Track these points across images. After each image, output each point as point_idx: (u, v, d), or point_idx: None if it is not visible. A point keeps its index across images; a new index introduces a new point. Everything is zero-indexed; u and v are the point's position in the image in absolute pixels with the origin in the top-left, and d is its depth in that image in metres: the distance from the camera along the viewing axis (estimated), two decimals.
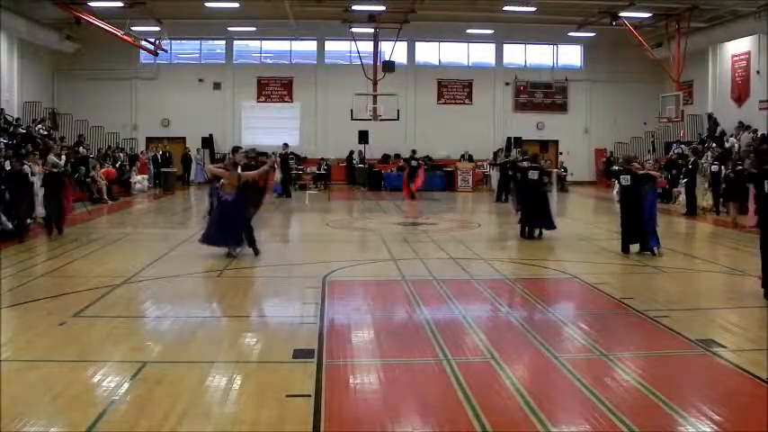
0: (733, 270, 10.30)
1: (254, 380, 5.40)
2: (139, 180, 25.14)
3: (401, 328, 7.12)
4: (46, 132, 23.25)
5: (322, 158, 28.50)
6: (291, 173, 25.34)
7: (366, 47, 27.26)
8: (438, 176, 27.28)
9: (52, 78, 27.65)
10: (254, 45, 30.05)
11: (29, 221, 13.98)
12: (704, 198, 18.66)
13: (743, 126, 23.40)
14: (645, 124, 29.31)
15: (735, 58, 24.85)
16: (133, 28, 23.77)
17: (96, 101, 27.78)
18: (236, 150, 13.28)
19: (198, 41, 29.61)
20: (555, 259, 11.48)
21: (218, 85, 29.32)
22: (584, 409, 4.76)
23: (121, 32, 23.08)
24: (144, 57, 27.93)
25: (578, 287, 9.15)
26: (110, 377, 5.37)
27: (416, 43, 29.75)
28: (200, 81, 29.16)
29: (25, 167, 14.73)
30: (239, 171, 11.11)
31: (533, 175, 13.33)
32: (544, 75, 30.39)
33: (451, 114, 29.70)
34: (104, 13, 23.06)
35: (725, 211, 17.90)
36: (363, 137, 27.38)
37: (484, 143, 29.22)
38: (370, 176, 27.52)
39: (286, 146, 25.71)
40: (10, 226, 12.87)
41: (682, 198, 19.71)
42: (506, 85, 30.20)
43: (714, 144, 23.16)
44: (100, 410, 4.66)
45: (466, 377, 5.36)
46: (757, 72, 23.34)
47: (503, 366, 5.63)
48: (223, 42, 29.56)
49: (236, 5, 24.00)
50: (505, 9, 24.33)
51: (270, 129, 28.94)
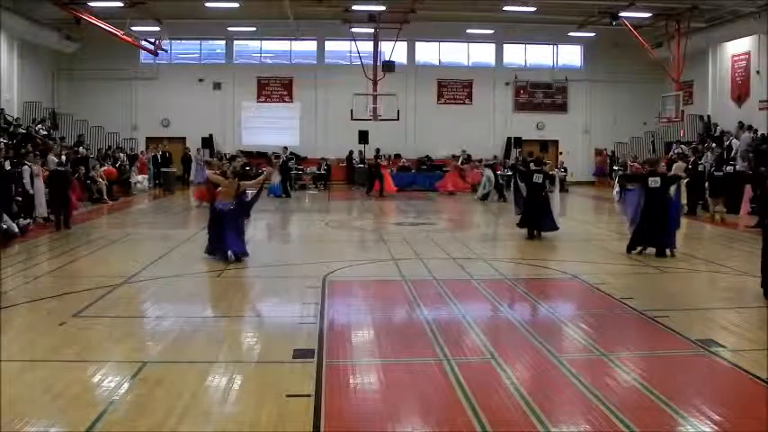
0: (733, 270, 10.30)
1: (254, 380, 5.40)
2: (139, 180, 25.13)
3: (401, 328, 7.12)
4: (46, 132, 23.24)
5: (322, 158, 28.49)
6: (291, 173, 25.43)
7: (366, 47, 27.25)
8: (438, 176, 27.27)
9: (52, 78, 27.62)
10: (254, 45, 30.04)
11: (29, 221, 14.01)
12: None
13: (742, 126, 23.39)
14: (645, 124, 29.30)
15: (735, 58, 24.84)
16: (133, 28, 23.76)
17: (96, 101, 27.78)
18: (233, 158, 13.30)
19: (198, 41, 29.60)
20: (555, 259, 11.48)
21: (218, 85, 29.31)
22: (584, 409, 4.76)
23: (121, 32, 23.07)
24: (144, 57, 27.92)
25: (578, 287, 9.15)
26: (110, 377, 5.37)
27: (416, 43, 29.74)
28: (200, 81, 29.15)
29: (26, 168, 14.79)
30: (238, 181, 10.98)
31: (537, 178, 13.42)
32: (544, 75, 30.39)
33: (451, 114, 29.69)
34: (104, 13, 23.04)
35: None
36: (363, 137, 27.37)
37: (484, 143, 29.22)
38: (369, 176, 27.47)
39: (286, 149, 25.76)
40: (16, 229, 12.87)
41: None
42: (506, 85, 30.20)
43: (714, 144, 23.15)
44: (100, 410, 4.66)
45: (466, 377, 5.36)
46: (757, 72, 23.33)
47: (503, 366, 5.63)
48: (223, 42, 29.56)
49: (236, 5, 23.99)
50: (505, 9, 24.31)
51: (270, 129, 28.95)
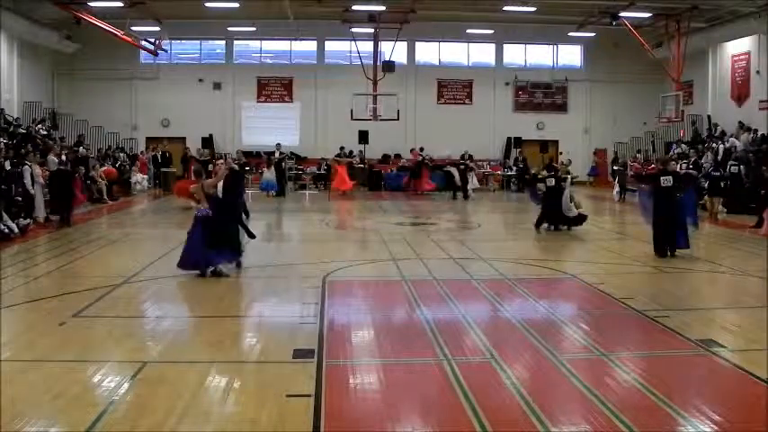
0: (733, 270, 10.30)
1: (254, 380, 5.41)
2: (139, 180, 25.14)
3: (401, 328, 7.12)
4: (46, 132, 23.23)
5: (322, 158, 28.48)
6: (288, 173, 25.46)
7: (366, 47, 27.24)
8: (438, 176, 27.27)
9: (52, 78, 27.60)
10: (254, 45, 30.01)
11: (29, 221, 14.01)
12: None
13: (743, 126, 23.40)
14: (645, 124, 29.30)
15: (735, 58, 24.83)
16: (133, 28, 23.75)
17: (96, 101, 27.75)
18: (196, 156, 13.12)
19: (198, 41, 29.57)
20: (555, 259, 11.48)
21: (218, 85, 29.29)
22: (584, 409, 4.76)
23: (121, 32, 23.07)
24: (144, 57, 27.89)
25: (578, 287, 9.15)
26: (110, 377, 5.37)
27: (416, 43, 29.71)
28: (200, 81, 29.12)
29: (26, 167, 14.81)
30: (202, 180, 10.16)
31: (551, 182, 14.85)
32: (544, 75, 30.37)
33: (451, 114, 29.66)
34: (104, 13, 23.04)
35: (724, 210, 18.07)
36: (363, 137, 27.35)
37: (484, 143, 29.22)
38: (369, 176, 27.51)
39: (279, 146, 25.65)
40: (16, 230, 12.87)
41: None
42: (506, 85, 30.17)
43: (714, 144, 23.16)
44: (100, 410, 4.66)
45: (466, 377, 5.36)
46: (757, 72, 23.32)
47: (503, 366, 5.63)
48: (223, 42, 29.54)
49: (236, 5, 23.98)
50: (505, 9, 24.30)
51: (270, 129, 28.89)
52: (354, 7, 24.16)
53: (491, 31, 28.40)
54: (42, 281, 9.28)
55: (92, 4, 22.52)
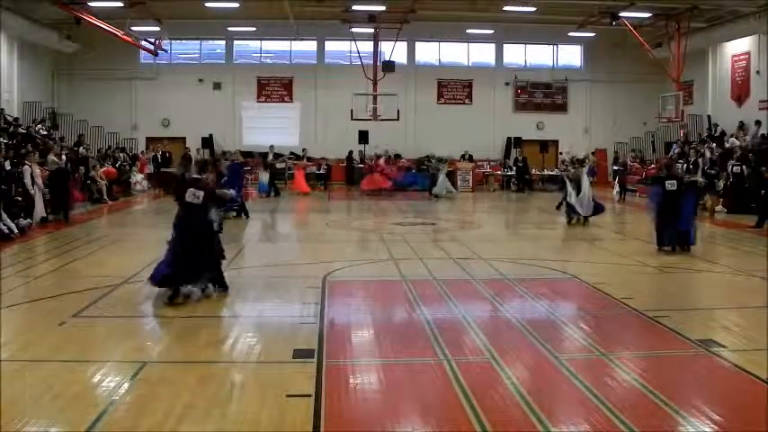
0: (733, 270, 10.30)
1: (254, 380, 5.40)
2: (139, 180, 25.14)
3: (401, 328, 7.12)
4: (46, 132, 23.23)
5: (322, 158, 28.48)
6: (287, 172, 25.43)
7: (366, 47, 27.25)
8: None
9: (52, 78, 27.60)
10: (254, 45, 30.01)
11: (29, 221, 14.01)
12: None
13: (742, 126, 23.40)
14: (645, 124, 29.30)
15: (735, 58, 24.83)
16: (133, 28, 23.74)
17: (96, 101, 27.75)
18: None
19: (198, 41, 29.56)
20: (555, 259, 11.48)
21: (218, 85, 29.29)
22: (584, 409, 4.76)
23: (121, 32, 23.06)
24: (144, 57, 27.89)
25: (578, 287, 9.15)
26: (110, 377, 5.38)
27: (416, 43, 29.71)
28: (200, 81, 29.12)
29: (26, 167, 14.80)
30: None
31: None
32: (544, 75, 30.36)
33: (451, 114, 29.67)
34: (104, 13, 23.03)
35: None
36: (363, 137, 27.37)
37: (484, 143, 29.22)
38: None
39: (272, 148, 25.62)
40: (16, 230, 12.87)
41: None
42: (506, 85, 30.16)
43: (714, 144, 23.17)
44: (100, 410, 4.66)
45: (466, 377, 5.36)
46: (757, 72, 23.32)
47: (503, 366, 5.63)
48: (223, 42, 29.53)
49: (236, 5, 23.98)
50: (505, 9, 24.30)
51: (270, 129, 28.91)
52: (354, 7, 24.15)
53: (491, 31, 28.40)
54: (42, 281, 9.27)
55: (92, 4, 22.51)
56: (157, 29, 24.90)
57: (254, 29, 27.93)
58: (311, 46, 29.67)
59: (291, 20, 25.30)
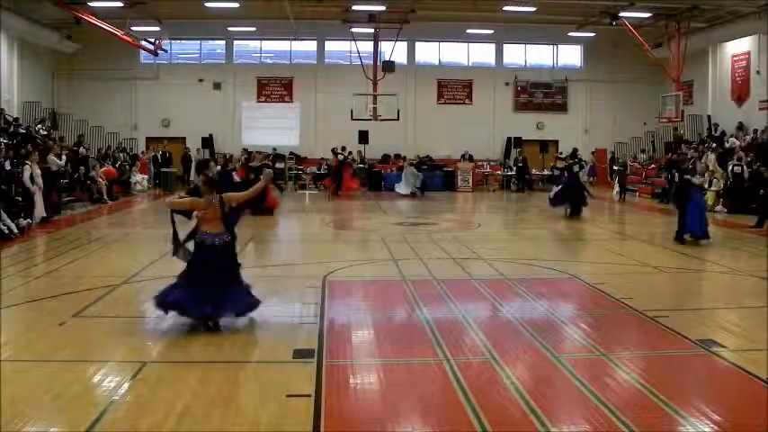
0: (733, 270, 10.30)
1: (254, 380, 5.40)
2: (139, 180, 25.14)
3: (401, 328, 7.12)
4: (46, 132, 23.23)
5: (322, 158, 28.49)
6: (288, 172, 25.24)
7: (366, 47, 27.24)
8: (438, 176, 27.30)
9: (52, 78, 27.61)
10: (254, 45, 30.01)
11: (29, 221, 14.01)
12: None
13: (742, 126, 23.41)
14: (645, 124, 29.30)
15: (735, 58, 24.83)
16: (133, 28, 23.75)
17: (96, 101, 27.74)
18: (209, 161, 12.66)
19: (198, 41, 29.57)
20: (555, 259, 11.47)
21: (218, 85, 29.29)
22: (585, 409, 4.76)
23: (121, 32, 23.07)
24: (144, 57, 27.89)
25: (578, 287, 9.15)
26: (110, 377, 5.37)
27: (416, 43, 29.72)
28: (200, 81, 29.12)
29: (26, 167, 14.79)
30: (220, 194, 6.96)
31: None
32: (544, 75, 30.37)
33: (451, 114, 29.67)
34: (104, 13, 23.03)
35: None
36: (363, 137, 27.37)
37: (484, 143, 29.23)
38: (369, 176, 27.50)
39: (275, 150, 25.18)
40: (16, 230, 12.87)
41: None
42: (506, 85, 30.16)
43: (714, 144, 23.16)
44: (100, 410, 4.66)
45: (466, 377, 5.36)
46: (757, 72, 23.32)
47: (503, 366, 5.63)
48: (223, 42, 29.54)
49: (236, 5, 23.98)
50: (505, 9, 24.31)
51: (270, 129, 28.92)
52: (354, 7, 24.16)
53: (491, 31, 28.40)
54: (42, 281, 9.27)
55: (92, 4, 22.52)
56: (157, 29, 24.90)
57: (254, 29, 27.93)
58: (311, 46, 29.68)
59: (291, 20, 25.29)
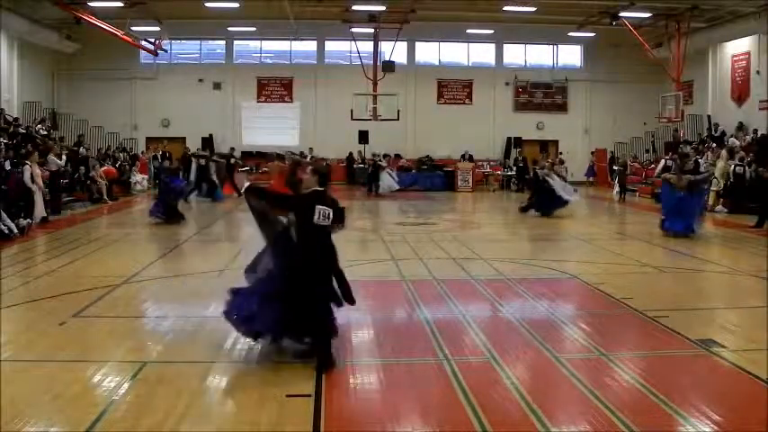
0: (733, 270, 10.30)
1: (254, 380, 5.40)
2: (139, 180, 25.14)
3: (401, 328, 7.11)
4: (46, 132, 23.24)
5: (322, 158, 28.48)
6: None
7: (366, 47, 27.26)
8: (438, 176, 27.31)
9: (52, 78, 27.63)
10: (254, 45, 30.05)
11: (29, 221, 14.00)
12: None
13: (742, 126, 23.40)
14: (645, 124, 29.31)
15: (735, 58, 24.84)
16: (133, 28, 23.78)
17: (96, 101, 27.77)
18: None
19: (198, 41, 29.61)
20: (555, 259, 11.46)
21: (218, 85, 29.32)
22: (585, 409, 4.76)
23: (121, 32, 23.08)
24: (144, 57, 27.92)
25: (578, 287, 9.14)
26: (110, 377, 5.37)
27: (416, 43, 29.75)
28: (200, 81, 29.16)
29: (26, 167, 14.77)
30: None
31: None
32: (544, 75, 30.39)
33: (451, 114, 29.70)
34: (104, 13, 23.06)
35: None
36: (363, 137, 27.38)
37: (484, 143, 29.24)
38: (370, 177, 27.46)
39: (232, 149, 24.35)
40: (16, 230, 12.87)
41: None
42: (506, 85, 30.20)
43: (714, 144, 23.16)
44: (100, 410, 4.66)
45: (466, 377, 5.35)
46: (757, 72, 23.33)
47: (503, 366, 5.62)
48: (223, 42, 29.57)
49: (236, 5, 24.00)
50: (505, 9, 24.34)
51: (270, 129, 28.95)
52: (354, 7, 24.18)
53: (491, 31, 28.43)
54: (42, 281, 9.26)
55: (92, 4, 22.54)
56: (157, 29, 24.93)
57: (254, 29, 27.96)
58: (311, 46, 29.70)
59: (291, 20, 25.31)
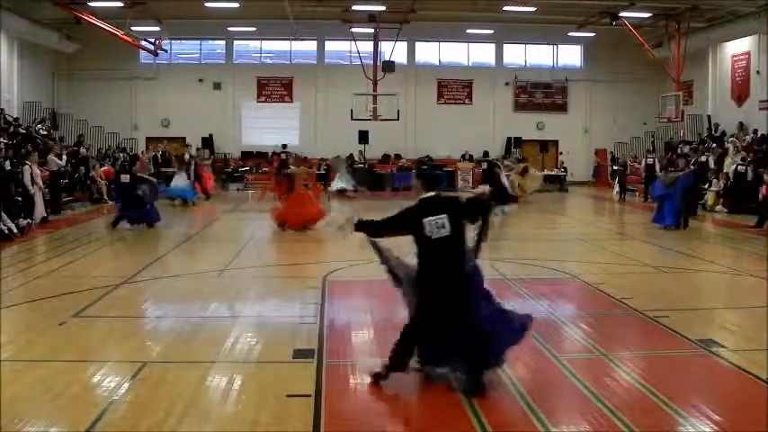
0: (733, 270, 10.30)
1: (254, 380, 5.40)
2: None
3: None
4: (46, 132, 23.23)
5: (322, 158, 28.49)
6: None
7: (366, 47, 27.25)
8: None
9: (52, 78, 27.61)
10: (254, 45, 30.03)
11: (29, 221, 14.01)
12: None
13: (742, 126, 23.40)
14: (645, 124, 29.30)
15: (735, 58, 24.84)
16: (133, 28, 23.75)
17: (96, 101, 27.75)
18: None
19: (198, 41, 29.58)
20: (555, 259, 11.46)
21: (218, 85, 29.30)
22: (585, 409, 4.76)
23: (121, 32, 23.07)
24: (144, 57, 27.89)
25: (578, 287, 9.15)
26: (110, 377, 5.37)
27: (416, 43, 29.72)
28: (200, 81, 29.13)
29: (26, 167, 14.78)
30: None
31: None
32: (544, 75, 30.37)
33: (451, 114, 29.68)
34: (104, 13, 23.04)
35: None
36: (363, 137, 27.38)
37: (484, 143, 29.22)
38: (369, 177, 27.48)
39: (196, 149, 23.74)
40: (16, 230, 12.87)
41: None
42: (506, 85, 30.17)
43: (714, 144, 23.16)
44: (100, 410, 4.66)
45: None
46: (757, 72, 23.32)
47: (503, 366, 5.62)
48: (223, 42, 29.55)
49: (236, 5, 23.99)
50: (505, 9, 24.33)
51: (270, 129, 28.94)
52: (354, 7, 24.16)
53: (491, 31, 28.41)
54: (42, 281, 9.27)
55: (92, 4, 22.53)
56: (157, 29, 24.90)
57: (254, 29, 27.94)
58: (311, 46, 29.68)
59: (291, 20, 25.29)
